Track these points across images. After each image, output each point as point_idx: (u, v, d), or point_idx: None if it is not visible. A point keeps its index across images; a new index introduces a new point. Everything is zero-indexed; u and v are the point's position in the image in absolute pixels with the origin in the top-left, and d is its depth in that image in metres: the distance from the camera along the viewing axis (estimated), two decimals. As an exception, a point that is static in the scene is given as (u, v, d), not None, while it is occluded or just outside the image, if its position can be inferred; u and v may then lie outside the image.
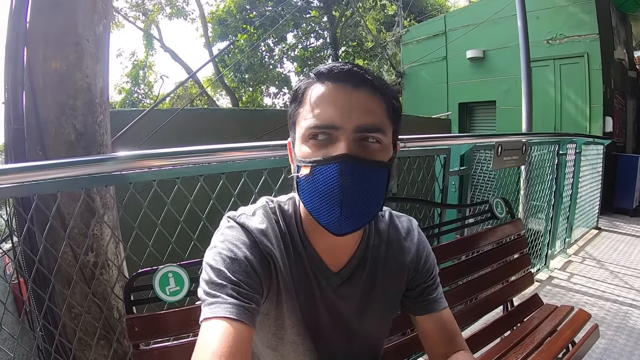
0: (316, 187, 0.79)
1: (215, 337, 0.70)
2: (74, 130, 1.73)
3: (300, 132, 0.83)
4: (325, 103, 0.79)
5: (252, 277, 0.80)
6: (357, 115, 0.78)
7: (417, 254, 1.02)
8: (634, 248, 5.05)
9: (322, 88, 0.81)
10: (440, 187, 2.52)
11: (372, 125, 0.79)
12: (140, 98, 18.16)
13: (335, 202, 0.77)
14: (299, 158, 0.82)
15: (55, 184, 1.29)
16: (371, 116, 0.80)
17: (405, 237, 1.03)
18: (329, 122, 0.78)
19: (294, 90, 0.87)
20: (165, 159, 1.43)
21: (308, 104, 0.82)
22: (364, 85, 0.80)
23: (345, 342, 1.00)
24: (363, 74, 0.80)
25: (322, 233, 0.84)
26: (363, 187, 0.78)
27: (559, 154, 4.15)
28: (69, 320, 1.68)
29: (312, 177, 0.79)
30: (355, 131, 0.78)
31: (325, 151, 0.79)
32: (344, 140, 0.77)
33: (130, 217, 1.61)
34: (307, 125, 0.80)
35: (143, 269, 1.22)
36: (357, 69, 0.81)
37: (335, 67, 0.81)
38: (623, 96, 8.77)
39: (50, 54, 1.70)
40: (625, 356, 2.56)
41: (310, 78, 0.84)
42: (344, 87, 0.80)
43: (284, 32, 17.56)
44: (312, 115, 0.80)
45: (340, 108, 0.78)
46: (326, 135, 0.79)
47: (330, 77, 0.81)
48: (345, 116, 0.78)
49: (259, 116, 6.08)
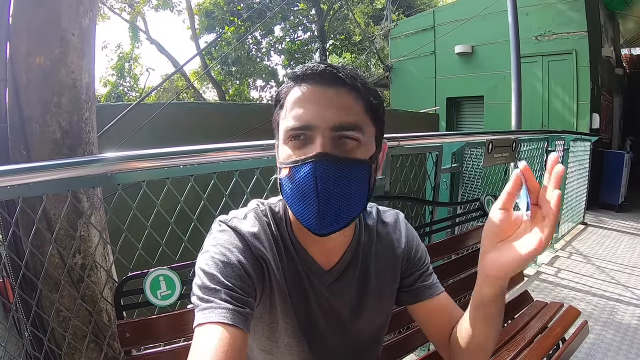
0: (295, 188, 0.79)
1: (210, 343, 0.69)
2: (59, 129, 1.68)
3: (281, 134, 0.83)
4: (301, 104, 0.80)
5: (246, 281, 0.80)
6: (332, 114, 0.78)
7: (407, 245, 1.03)
8: (619, 243, 5.15)
9: (298, 90, 0.81)
10: (432, 184, 2.52)
11: (347, 124, 0.79)
12: (126, 91, 17.91)
13: (312, 201, 0.77)
14: (280, 160, 0.83)
15: (41, 186, 1.25)
16: (347, 114, 0.79)
17: (394, 231, 1.04)
18: (304, 122, 0.78)
19: (276, 94, 0.87)
20: (154, 160, 1.40)
21: (286, 107, 0.82)
22: (339, 84, 0.80)
23: (341, 341, 0.99)
24: (336, 73, 0.80)
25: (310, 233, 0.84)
26: (340, 186, 0.78)
27: (548, 150, 4.20)
28: (57, 324, 1.64)
29: (290, 178, 0.80)
30: (332, 130, 0.78)
31: (302, 151, 0.79)
32: (319, 139, 0.77)
33: (119, 218, 1.58)
34: (285, 127, 0.81)
35: (133, 272, 1.21)
36: (331, 68, 0.80)
37: (308, 67, 0.81)
38: (610, 93, 8.90)
39: (34, 48, 1.65)
40: (613, 350, 2.61)
41: (288, 82, 0.84)
42: (318, 86, 0.80)
43: (271, 25, 17.49)
44: (290, 117, 0.80)
45: (314, 107, 0.78)
46: (303, 136, 0.79)
47: (304, 78, 0.81)
48: (319, 115, 0.78)
49: (248, 110, 6.03)
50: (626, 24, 9.91)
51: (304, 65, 0.82)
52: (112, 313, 1.72)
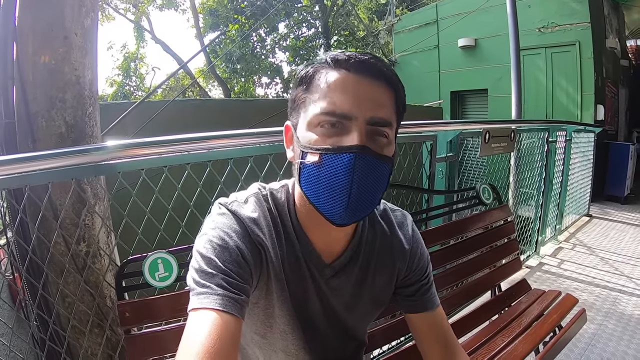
0: (324, 176, 0.77)
1: (204, 329, 0.69)
2: (64, 123, 1.74)
3: (308, 117, 0.80)
4: (339, 91, 0.77)
5: (243, 267, 0.80)
6: (371, 108, 0.77)
7: (411, 249, 1.02)
8: (624, 235, 5.10)
9: (337, 75, 0.78)
10: (427, 173, 2.53)
11: (383, 119, 0.78)
12: (132, 90, 18.02)
13: (343, 192, 0.75)
14: (305, 144, 0.79)
15: (46, 174, 1.30)
16: (383, 110, 0.79)
17: (399, 231, 1.02)
18: (343, 110, 0.76)
19: (302, 74, 0.83)
20: (152, 148, 1.44)
21: (320, 90, 0.79)
22: (381, 78, 0.79)
23: (333, 332, 1.00)
24: (381, 67, 0.79)
25: (318, 223, 0.84)
26: (370, 180, 0.77)
27: (549, 141, 4.17)
28: (63, 309, 1.70)
29: (320, 165, 0.77)
30: (368, 123, 0.77)
31: (336, 140, 0.77)
32: (356, 131, 0.76)
33: (120, 205, 1.62)
34: (319, 111, 0.78)
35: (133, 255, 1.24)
36: (376, 61, 0.79)
37: (354, 56, 0.79)
38: (615, 85, 8.80)
39: (39, 48, 1.71)
40: (614, 340, 2.60)
41: (323, 63, 0.81)
42: (361, 77, 0.78)
43: (275, 22, 17.49)
44: (326, 101, 0.78)
45: (355, 98, 0.77)
46: (338, 124, 0.77)
47: (348, 65, 0.78)
48: (359, 107, 0.76)
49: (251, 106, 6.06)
50: (631, 15, 9.79)
51: (348, 52, 0.80)
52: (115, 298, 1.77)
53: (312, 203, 0.80)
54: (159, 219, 1.62)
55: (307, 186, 0.80)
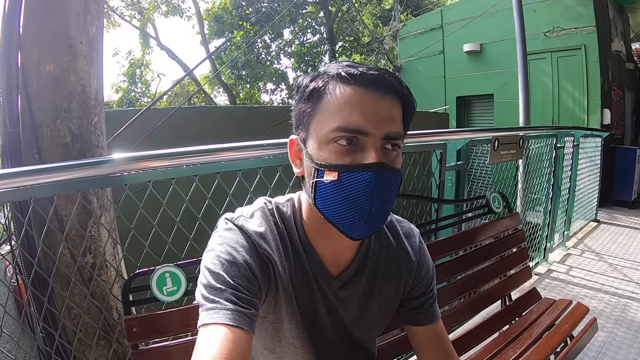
0: (344, 194, 0.76)
1: (215, 344, 0.69)
2: (69, 133, 1.73)
3: (320, 133, 0.79)
4: (355, 107, 0.76)
5: (251, 281, 0.79)
6: (385, 123, 0.77)
7: (418, 261, 1.03)
8: (632, 240, 5.06)
9: (351, 91, 0.77)
10: (436, 182, 2.51)
11: (396, 134, 0.79)
12: (138, 97, 18.11)
13: (364, 209, 0.76)
14: (320, 161, 0.78)
15: (51, 187, 1.29)
16: (395, 125, 0.79)
17: (406, 242, 1.02)
18: (359, 126, 0.75)
19: (309, 88, 0.82)
20: (160, 160, 1.43)
21: (333, 105, 0.78)
22: (393, 93, 0.79)
23: (342, 343, 1.00)
24: (393, 82, 0.79)
25: (325, 236, 0.85)
26: (387, 194, 0.78)
27: (557, 147, 4.13)
28: (69, 321, 1.69)
29: (339, 183, 0.76)
30: (382, 139, 0.77)
31: (353, 157, 0.76)
32: (373, 147, 0.76)
33: (126, 218, 1.61)
34: (332, 127, 0.77)
35: (141, 269, 1.22)
36: (388, 76, 0.78)
37: (367, 71, 0.77)
38: (621, 88, 8.76)
39: (44, 56, 1.70)
40: (624, 349, 2.56)
41: (331, 76, 0.80)
42: (374, 93, 0.77)
43: (280, 28, 17.53)
44: (340, 117, 0.76)
45: (370, 115, 0.76)
46: (354, 139, 0.76)
47: (360, 80, 0.77)
48: (375, 123, 0.76)
49: (257, 113, 6.07)
50: (636, 17, 9.76)
51: (359, 65, 0.79)
52: (122, 310, 1.76)
53: (329, 220, 0.80)
54: (166, 230, 1.61)
55: (324, 203, 0.80)
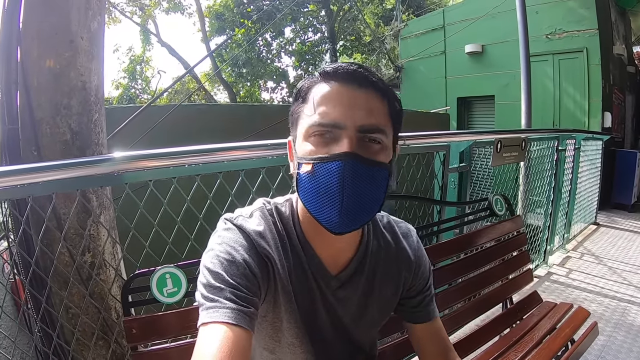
0: (317, 184, 0.78)
1: (215, 343, 0.70)
2: (69, 130, 1.71)
3: (302, 130, 0.83)
4: (329, 102, 0.80)
5: (251, 280, 0.80)
6: (360, 115, 0.78)
7: (416, 260, 1.03)
8: (632, 243, 5.06)
9: (326, 87, 0.81)
10: (439, 184, 2.51)
11: (374, 126, 0.80)
12: (138, 93, 18.10)
13: (335, 199, 0.76)
14: (300, 155, 0.82)
15: (50, 185, 1.27)
16: (374, 117, 0.80)
17: (404, 241, 1.04)
18: (332, 120, 0.78)
19: (297, 89, 0.87)
20: (161, 160, 1.42)
21: (312, 103, 0.82)
22: (368, 86, 0.81)
23: (341, 343, 1.00)
24: (368, 75, 0.81)
25: (321, 234, 0.84)
26: (363, 187, 0.78)
27: (559, 149, 4.13)
28: (67, 321, 1.67)
29: (313, 174, 0.78)
30: (358, 131, 0.78)
31: (327, 149, 0.79)
32: (346, 138, 0.77)
33: (127, 217, 1.60)
34: (311, 123, 0.80)
35: (140, 269, 1.21)
36: (363, 70, 0.81)
37: (340, 67, 0.81)
38: (622, 91, 8.77)
39: (44, 52, 1.68)
40: (624, 352, 2.56)
41: (315, 77, 0.84)
42: (348, 87, 0.80)
43: (281, 27, 17.53)
44: (316, 113, 0.80)
45: (344, 107, 0.79)
46: (329, 133, 0.79)
47: (335, 76, 0.81)
48: (348, 115, 0.78)
49: (258, 112, 6.05)
50: (637, 21, 9.78)
51: (336, 63, 0.83)
52: (121, 311, 1.74)
53: (310, 212, 0.81)
54: (167, 230, 1.59)
55: (304, 196, 0.82)
